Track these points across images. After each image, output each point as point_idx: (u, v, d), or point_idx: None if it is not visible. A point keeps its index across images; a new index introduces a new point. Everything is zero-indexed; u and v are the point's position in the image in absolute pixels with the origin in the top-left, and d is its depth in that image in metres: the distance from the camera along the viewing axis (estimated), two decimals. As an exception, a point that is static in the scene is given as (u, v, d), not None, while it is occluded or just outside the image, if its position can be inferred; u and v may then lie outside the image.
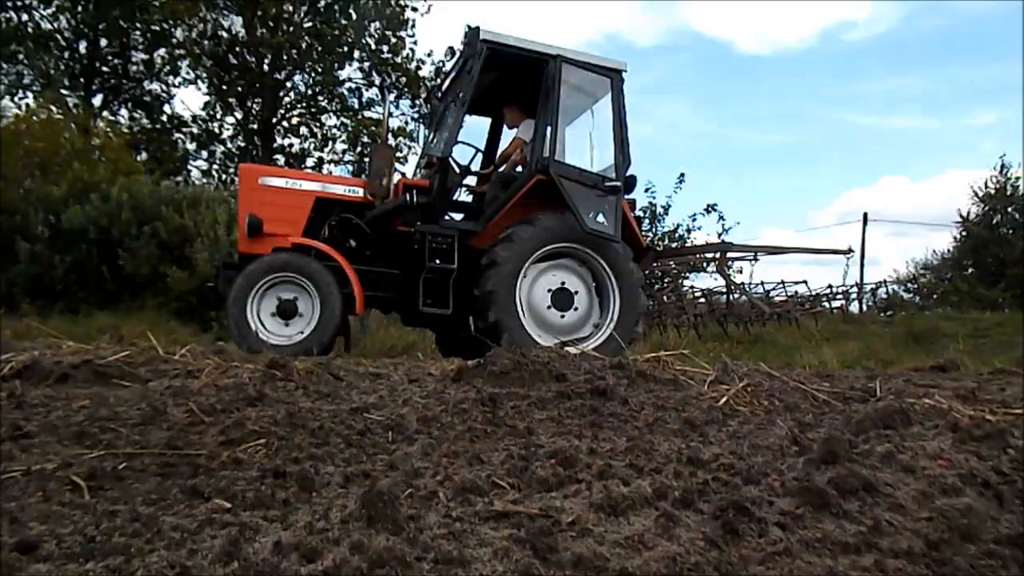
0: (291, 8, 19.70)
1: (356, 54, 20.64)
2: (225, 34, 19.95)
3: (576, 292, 6.20)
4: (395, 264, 6.06)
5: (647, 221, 11.74)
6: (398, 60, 20.75)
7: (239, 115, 21.17)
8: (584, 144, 7.41)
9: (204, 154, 21.45)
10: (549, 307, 6.11)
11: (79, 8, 19.17)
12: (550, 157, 6.20)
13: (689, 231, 11.59)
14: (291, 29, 19.61)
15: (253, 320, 5.52)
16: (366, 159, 21.62)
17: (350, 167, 21.86)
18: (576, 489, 1.27)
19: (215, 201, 12.78)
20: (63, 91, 19.45)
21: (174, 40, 19.91)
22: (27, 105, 18.58)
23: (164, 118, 20.93)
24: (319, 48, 20.13)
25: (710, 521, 1.15)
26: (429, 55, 21.23)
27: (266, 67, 20.21)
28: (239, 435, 1.51)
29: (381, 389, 2.00)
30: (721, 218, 11.48)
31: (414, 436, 1.62)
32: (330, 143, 21.85)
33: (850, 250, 10.51)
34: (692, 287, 12.47)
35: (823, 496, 1.25)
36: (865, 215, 30.06)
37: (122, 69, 20.54)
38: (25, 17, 18.78)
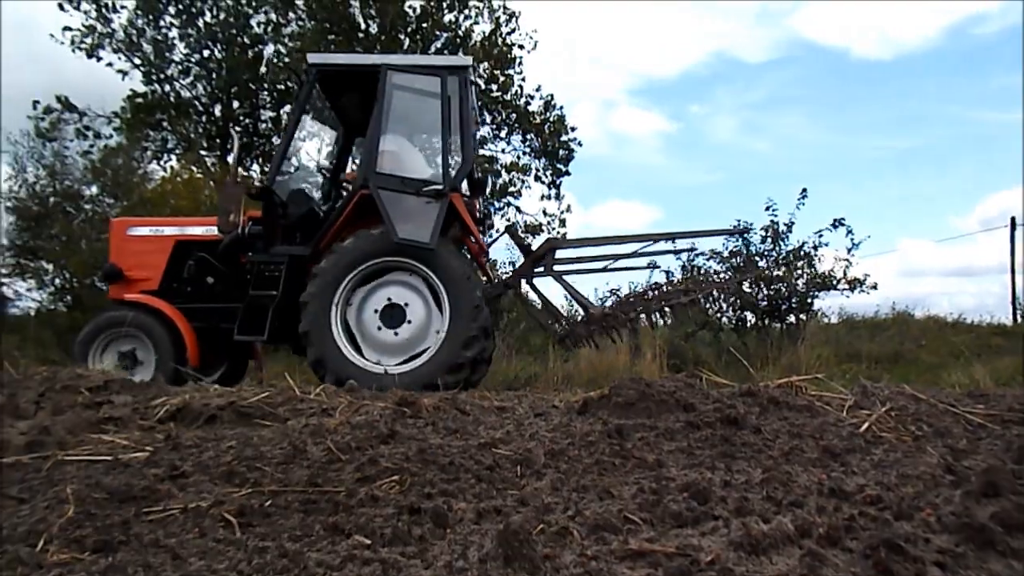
0: (403, 57, 20.53)
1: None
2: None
3: (407, 304, 5.86)
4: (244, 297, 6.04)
5: (769, 241, 11.30)
6: (507, 98, 21.17)
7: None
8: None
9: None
10: (379, 328, 5.82)
11: (213, 76, 20.72)
12: (370, 169, 5.99)
13: (816, 247, 11.04)
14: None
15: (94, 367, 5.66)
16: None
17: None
18: (713, 526, 1.23)
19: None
20: (202, 152, 21.01)
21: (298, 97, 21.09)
22: (171, 167, 20.21)
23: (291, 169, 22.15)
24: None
25: (860, 560, 1.08)
26: (537, 90, 21.56)
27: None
28: (374, 472, 1.56)
29: (508, 423, 2.01)
30: (850, 232, 10.89)
31: (542, 470, 1.62)
32: (446, 182, 22.48)
33: (746, 229, 9.32)
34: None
35: (986, 533, 1.15)
36: (1012, 220, 27.84)
37: (253, 127, 21.97)
38: (168, 88, 20.46)
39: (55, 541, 1.32)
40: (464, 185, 6.60)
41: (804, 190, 11.11)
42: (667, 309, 7.62)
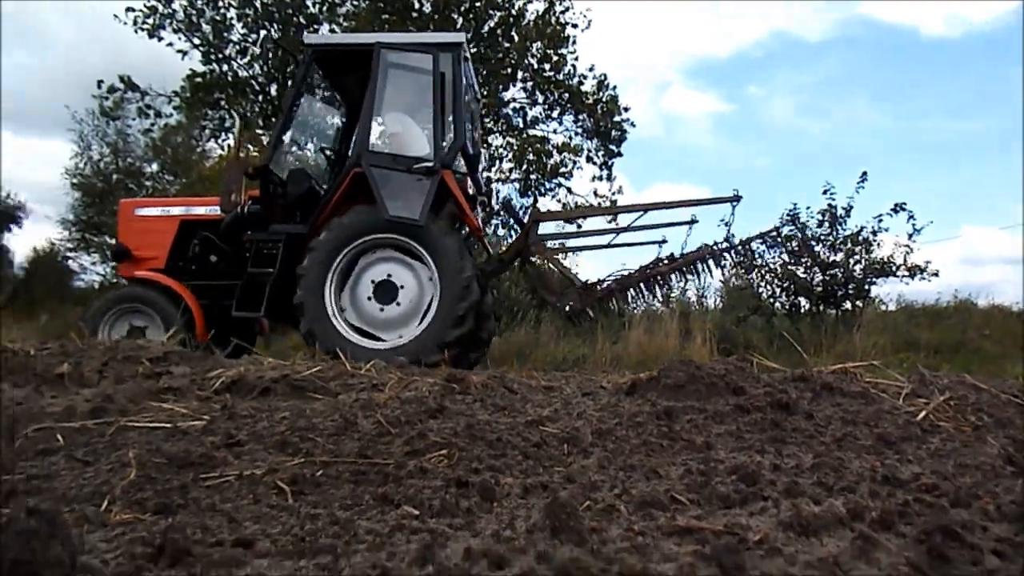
0: (457, 36, 20.53)
1: (519, 74, 21.10)
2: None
3: (402, 286, 5.92)
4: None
5: (826, 224, 11.04)
6: (560, 77, 21.01)
7: (411, 141, 22.26)
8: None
9: (381, 180, 22.74)
10: (372, 303, 5.90)
11: (269, 56, 21.00)
12: (363, 147, 6.05)
13: (875, 232, 10.73)
14: (457, 57, 20.40)
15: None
16: (532, 176, 22.07)
17: (516, 185, 22.36)
18: (762, 506, 1.22)
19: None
20: (258, 131, 21.38)
21: (353, 76, 21.28)
22: (228, 146, 20.61)
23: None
24: (484, 72, 20.79)
25: (914, 545, 1.05)
26: (591, 69, 21.34)
27: (436, 94, 21.14)
28: (422, 446, 1.58)
29: (555, 402, 2.02)
30: (911, 217, 10.55)
31: (589, 449, 1.62)
32: (497, 163, 22.47)
33: (737, 196, 8.91)
34: None
35: (1049, 522, 1.11)
36: (1084, 207, 26.67)
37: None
38: (225, 68, 20.83)
39: (118, 502, 1.38)
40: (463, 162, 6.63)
41: (864, 173, 10.81)
42: (643, 287, 7.53)
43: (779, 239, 10.97)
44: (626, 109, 21.50)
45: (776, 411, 1.88)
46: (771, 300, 12.14)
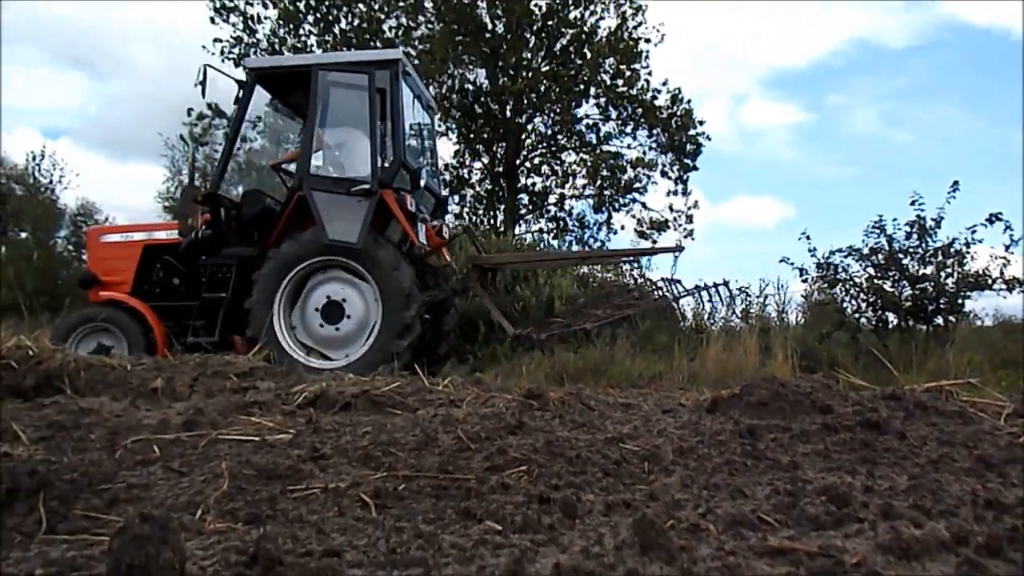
0: (529, 56, 20.70)
1: (592, 91, 21.12)
2: (471, 86, 21.41)
3: (347, 303, 6.06)
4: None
5: (915, 237, 10.59)
6: (633, 92, 20.92)
7: (486, 160, 22.52)
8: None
9: (456, 198, 23.05)
10: (321, 325, 6.04)
11: (349, 78, 21.63)
12: (304, 171, 6.17)
13: (968, 244, 10.23)
14: (530, 75, 20.56)
15: None
16: (606, 192, 21.99)
17: (590, 201, 22.30)
18: (856, 528, 1.17)
19: (466, 242, 13.63)
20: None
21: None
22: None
23: (421, 169, 22.81)
24: (557, 90, 20.88)
25: (1024, 573, 0.99)
26: (664, 84, 21.18)
27: (508, 113, 21.34)
28: (502, 461, 1.58)
29: (635, 419, 1.99)
30: (1008, 228, 10.00)
31: (671, 467, 1.59)
32: (570, 179, 22.50)
33: (680, 247, 8.67)
34: None
35: None
36: None
37: (385, 128, 22.78)
38: (307, 91, 21.54)
39: (211, 511, 1.43)
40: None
41: (955, 183, 10.32)
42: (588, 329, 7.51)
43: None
44: (701, 122, 21.27)
45: (866, 431, 1.81)
46: (856, 315, 11.71)
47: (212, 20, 20.55)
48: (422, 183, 6.57)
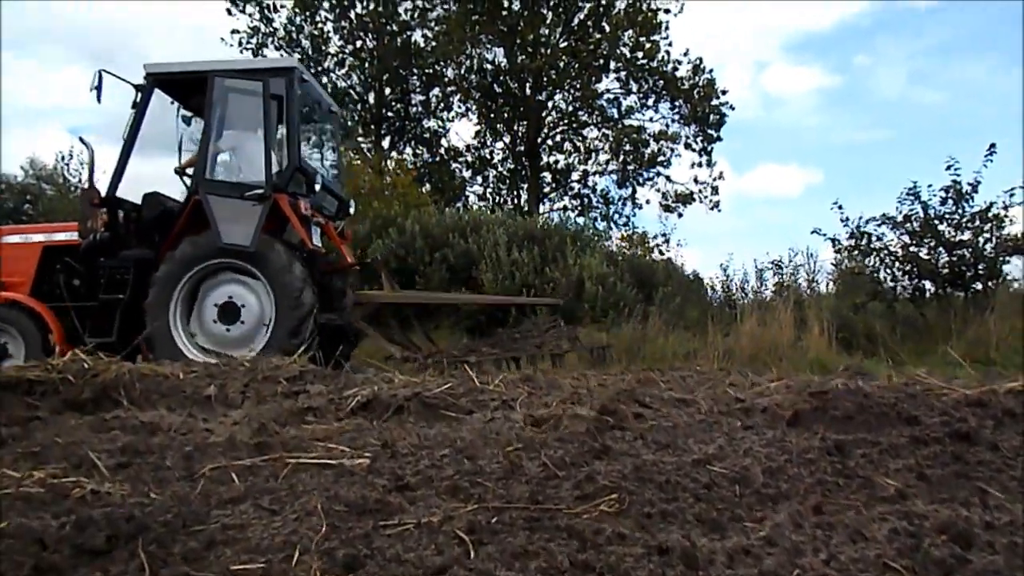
0: (547, 32, 20.50)
1: (612, 64, 20.89)
2: (489, 66, 21.28)
3: (243, 305, 6.26)
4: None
5: (950, 202, 10.40)
6: (653, 65, 20.66)
7: (507, 139, 22.43)
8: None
9: (479, 179, 23.03)
10: (214, 321, 6.25)
11: (366, 65, 21.59)
12: (200, 176, 6.40)
13: (1007, 207, 10.02)
14: (548, 52, 20.38)
15: None
16: (629, 167, 21.83)
17: (614, 176, 22.15)
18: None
19: (494, 224, 13.58)
20: (359, 139, 22.00)
21: (445, 79, 21.64)
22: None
23: (442, 151, 22.80)
24: (576, 65, 20.69)
25: None
26: (685, 54, 20.90)
27: (528, 91, 21.19)
28: (592, 490, 1.58)
29: (718, 437, 1.97)
30: (1048, 189, 9.77)
31: (762, 490, 1.58)
32: (593, 155, 22.35)
33: (558, 304, 9.10)
34: None
35: None
36: None
37: (404, 112, 22.75)
38: (325, 80, 21.53)
39: (309, 554, 1.44)
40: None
41: (992, 145, 10.10)
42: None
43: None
44: (724, 92, 21.00)
45: (956, 442, 1.77)
46: (892, 285, 11.56)
47: (229, 12, 20.59)
48: (317, 187, 6.70)
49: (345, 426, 3.21)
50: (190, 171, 7.06)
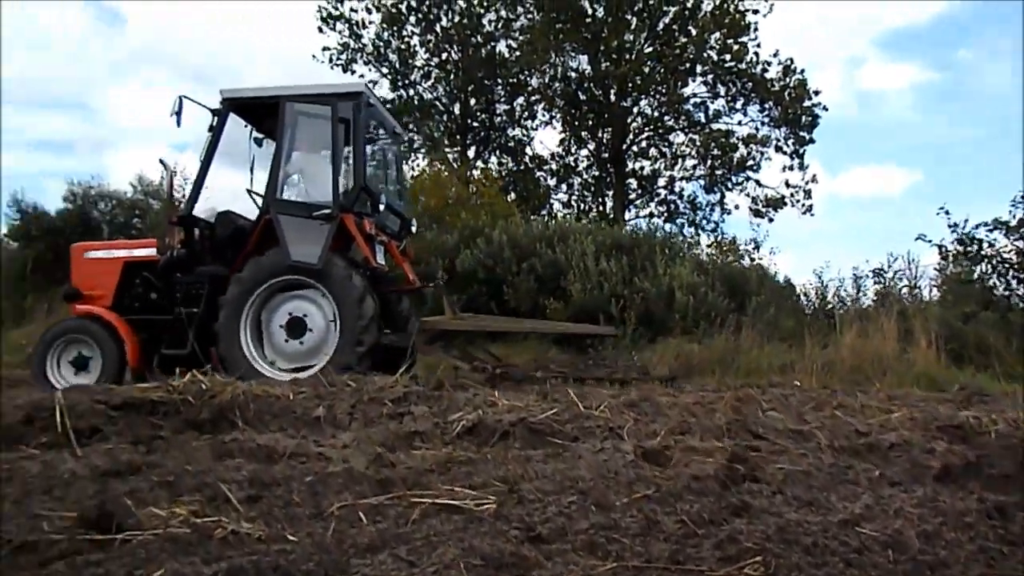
0: (631, 37, 20.31)
1: (698, 68, 20.52)
2: (573, 74, 21.23)
3: (309, 319, 6.52)
4: None
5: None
6: (742, 67, 20.18)
7: (592, 147, 22.32)
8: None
9: (563, 187, 22.98)
10: (287, 340, 6.52)
11: (451, 77, 21.90)
12: (272, 196, 6.68)
13: None
14: (633, 57, 20.18)
15: (51, 372, 6.72)
16: (717, 172, 21.38)
17: (701, 182, 21.74)
18: None
19: (581, 234, 13.50)
20: (445, 149, 22.31)
21: (529, 88, 21.72)
22: (416, 166, 21.71)
23: (527, 159, 22.88)
24: (661, 70, 20.42)
25: None
26: (775, 55, 20.34)
27: (613, 97, 21.04)
28: (735, 551, 1.53)
29: (862, 493, 1.89)
30: None
31: (919, 556, 1.49)
32: (680, 160, 21.99)
33: (614, 334, 8.74)
34: None
35: None
36: None
37: (489, 121, 22.95)
38: (412, 92, 21.97)
39: (452, 611, 1.44)
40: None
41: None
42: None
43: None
44: (816, 92, 20.31)
45: None
46: (1006, 293, 10.93)
47: (320, 30, 21.24)
48: (381, 207, 6.93)
49: (453, 452, 3.24)
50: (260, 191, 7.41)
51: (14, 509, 2.33)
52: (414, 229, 8.32)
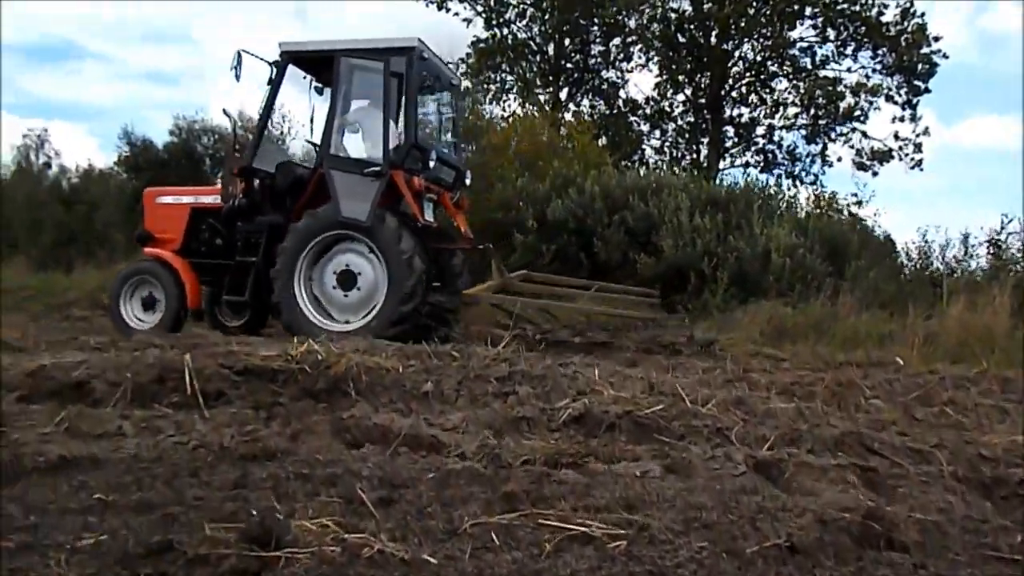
0: (740, -25, 19.36)
1: (807, 11, 19.42)
2: (673, 14, 20.45)
3: (359, 273, 6.77)
4: None
5: None
6: (855, 9, 18.98)
7: (688, 91, 21.62)
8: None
9: (656, 133, 22.43)
10: (334, 287, 6.81)
11: (546, 16, 21.42)
12: (325, 151, 6.93)
13: None
14: (739, -1, 19.27)
15: (124, 308, 7.32)
16: (820, 122, 20.41)
17: (802, 131, 20.82)
18: None
19: (675, 188, 13.18)
20: (536, 91, 22.02)
21: (627, 28, 21.06)
22: (508, 107, 21.52)
23: (620, 103, 22.36)
24: (767, 12, 19.43)
25: None
26: (893, -4, 19.04)
27: (714, 40, 20.21)
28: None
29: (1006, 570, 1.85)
30: None
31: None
32: (781, 108, 21.07)
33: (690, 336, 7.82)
34: None
35: None
36: None
37: (583, 63, 22.46)
38: (505, 31, 21.62)
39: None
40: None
41: None
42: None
43: None
44: (936, 39, 18.97)
45: None
46: None
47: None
48: (432, 163, 7.09)
49: (561, 444, 3.32)
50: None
51: (168, 490, 2.53)
52: (468, 181, 8.47)
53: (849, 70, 20.09)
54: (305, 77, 7.81)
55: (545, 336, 7.17)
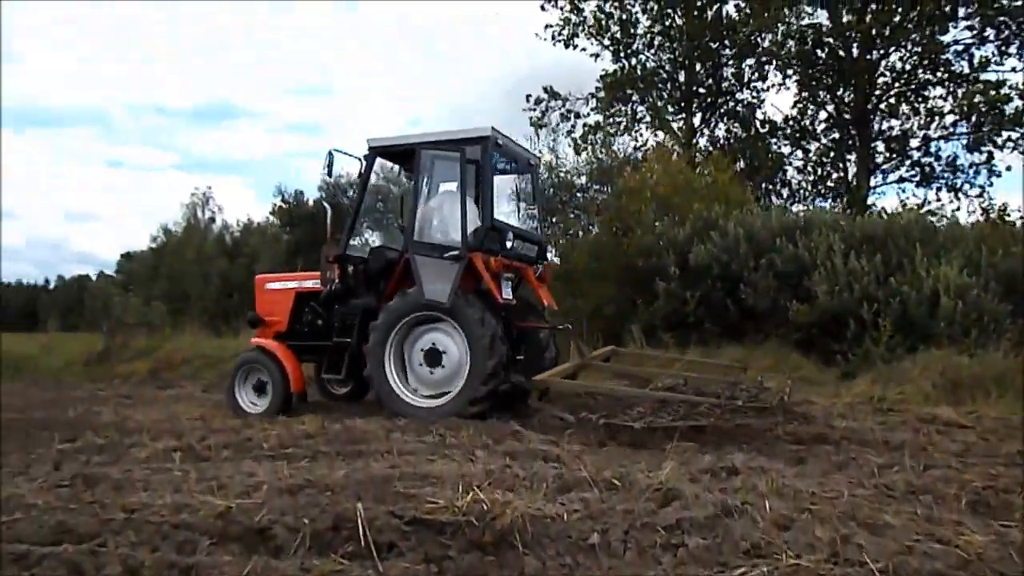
0: (878, -17, 18.23)
1: (961, 11, 17.98)
2: (809, 30, 19.52)
3: (444, 351, 7.08)
4: None
5: None
6: (1017, 4, 17.39)
7: (830, 108, 20.54)
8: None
9: (798, 153, 21.46)
10: (420, 364, 7.13)
11: (675, 43, 21.05)
12: (409, 237, 7.27)
13: None
14: (881, 6, 18.11)
15: (240, 395, 7.78)
16: (984, 129, 18.76)
17: (962, 141, 19.26)
18: None
19: (825, 226, 12.46)
20: (668, 118, 21.64)
21: (760, 48, 20.32)
22: (639, 136, 21.22)
23: (756, 124, 21.58)
24: (915, 16, 18.14)
25: None
26: (1062, -14, 17.28)
27: (855, 52, 19.11)
28: None
29: None
30: None
31: None
32: (936, 118, 19.59)
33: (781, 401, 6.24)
34: None
35: None
36: None
37: (716, 87, 21.86)
38: (634, 62, 21.42)
39: None
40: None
41: None
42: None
43: None
44: None
45: None
46: None
47: (542, 8, 21.28)
48: (509, 244, 7.44)
49: None
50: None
51: None
52: (550, 256, 8.91)
53: (1014, 70, 18.42)
54: (392, 168, 8.58)
55: (609, 422, 6.49)
